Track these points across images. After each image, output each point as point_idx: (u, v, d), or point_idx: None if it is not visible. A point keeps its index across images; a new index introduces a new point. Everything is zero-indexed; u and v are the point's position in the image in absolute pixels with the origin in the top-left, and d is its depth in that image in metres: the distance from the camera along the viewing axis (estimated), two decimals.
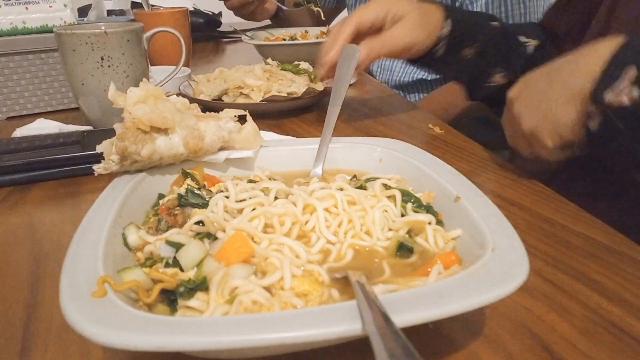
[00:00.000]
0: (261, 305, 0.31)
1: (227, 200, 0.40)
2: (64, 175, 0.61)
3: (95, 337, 0.25)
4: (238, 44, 1.68)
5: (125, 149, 0.42)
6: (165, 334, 0.25)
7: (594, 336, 0.34)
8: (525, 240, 0.34)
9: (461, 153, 0.67)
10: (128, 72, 0.74)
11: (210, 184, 0.46)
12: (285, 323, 0.26)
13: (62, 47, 0.71)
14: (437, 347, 0.34)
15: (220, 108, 0.55)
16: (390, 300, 0.28)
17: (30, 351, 0.34)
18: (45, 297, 0.39)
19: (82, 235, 0.34)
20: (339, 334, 0.26)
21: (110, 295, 0.29)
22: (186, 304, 0.31)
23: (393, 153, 0.51)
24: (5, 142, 0.64)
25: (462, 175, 0.44)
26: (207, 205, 0.40)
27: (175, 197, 0.42)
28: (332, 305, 0.28)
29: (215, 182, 0.47)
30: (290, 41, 1.27)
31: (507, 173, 0.60)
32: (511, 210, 0.51)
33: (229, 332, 0.25)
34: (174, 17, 1.17)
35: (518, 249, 0.32)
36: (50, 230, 0.50)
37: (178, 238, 0.36)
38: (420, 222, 0.40)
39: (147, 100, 0.44)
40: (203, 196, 0.42)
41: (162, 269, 0.34)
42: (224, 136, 0.49)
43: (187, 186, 0.43)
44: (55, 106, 0.89)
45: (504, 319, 0.36)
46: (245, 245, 0.35)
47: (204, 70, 1.00)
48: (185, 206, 0.41)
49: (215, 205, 0.39)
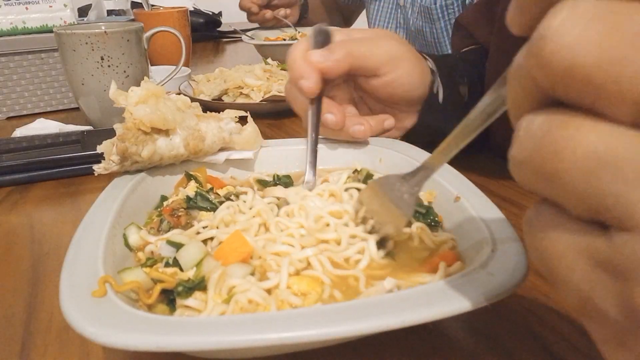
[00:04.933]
0: (257, 304, 0.31)
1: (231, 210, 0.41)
2: (64, 175, 0.61)
3: (95, 337, 0.25)
4: (238, 44, 1.68)
5: (126, 149, 0.42)
6: (165, 334, 0.25)
7: None
8: (525, 240, 0.34)
9: (461, 153, 0.66)
10: (128, 72, 0.74)
11: (217, 187, 0.46)
12: (286, 323, 0.26)
13: (62, 47, 0.71)
14: (437, 347, 0.34)
15: (220, 108, 0.55)
16: (390, 300, 0.28)
17: (30, 351, 0.34)
18: (45, 297, 0.39)
19: (82, 235, 0.34)
20: (339, 334, 0.26)
21: (110, 295, 0.28)
22: (184, 303, 0.31)
23: (393, 153, 0.51)
24: (5, 142, 0.64)
25: (462, 176, 0.44)
26: (215, 209, 0.41)
27: (181, 199, 0.42)
28: (332, 305, 0.28)
29: (220, 185, 0.47)
30: (290, 41, 1.27)
31: (507, 173, 0.60)
32: (511, 210, 0.51)
33: (229, 332, 0.25)
34: (174, 17, 1.17)
35: (518, 249, 0.32)
36: (50, 230, 0.50)
37: (179, 238, 0.36)
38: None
39: (148, 99, 0.43)
40: (212, 200, 0.42)
41: (162, 268, 0.34)
42: (224, 137, 0.49)
43: (196, 189, 0.43)
44: (55, 106, 0.89)
45: (504, 319, 0.36)
46: (244, 245, 0.35)
47: (204, 70, 1.00)
48: (192, 209, 0.42)
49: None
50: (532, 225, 0.19)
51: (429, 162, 0.35)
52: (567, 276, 0.17)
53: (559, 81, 0.15)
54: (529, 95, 0.17)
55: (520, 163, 0.17)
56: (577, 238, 0.17)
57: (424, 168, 0.36)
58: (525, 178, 0.18)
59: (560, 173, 0.16)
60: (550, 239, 0.18)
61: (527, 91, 0.17)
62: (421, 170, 0.36)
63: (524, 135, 0.17)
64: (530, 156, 0.17)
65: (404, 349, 0.33)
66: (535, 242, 0.18)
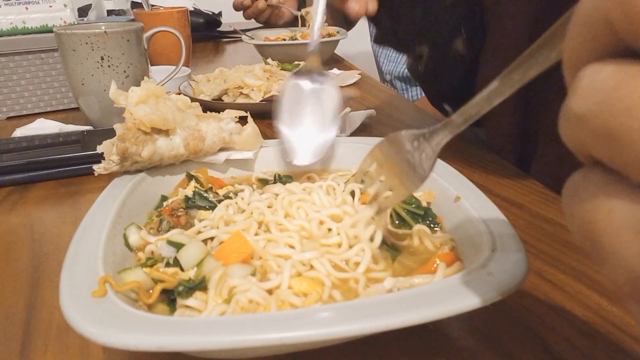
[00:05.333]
0: (258, 304, 0.31)
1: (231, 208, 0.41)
2: (64, 175, 0.61)
3: (95, 337, 0.25)
4: (238, 44, 1.68)
5: (126, 149, 0.42)
6: (166, 334, 0.25)
7: (594, 336, 0.34)
8: (525, 240, 0.34)
9: (461, 153, 0.67)
10: (128, 72, 0.74)
11: (217, 187, 0.46)
12: (286, 323, 0.26)
13: (62, 47, 0.71)
14: (437, 347, 0.34)
15: (220, 108, 0.55)
16: (390, 300, 0.28)
17: (30, 351, 0.34)
18: (45, 297, 0.39)
19: (82, 235, 0.34)
20: (339, 334, 0.26)
21: (110, 296, 0.29)
22: (184, 303, 0.31)
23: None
24: (5, 142, 0.64)
25: (462, 175, 0.44)
26: (214, 207, 0.41)
27: (180, 199, 0.42)
28: (332, 305, 0.28)
29: (221, 185, 0.47)
30: (290, 41, 1.27)
31: (507, 173, 0.60)
32: (511, 210, 0.51)
33: (229, 332, 0.25)
34: (174, 17, 1.17)
35: (518, 249, 0.32)
36: (50, 230, 0.50)
37: (179, 238, 0.36)
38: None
39: (148, 99, 0.44)
40: (210, 199, 0.42)
41: (163, 268, 0.34)
42: (224, 137, 0.49)
43: (194, 188, 0.43)
44: (55, 106, 0.89)
45: (504, 319, 0.36)
46: (245, 245, 0.35)
47: (204, 70, 1.00)
48: (191, 208, 0.42)
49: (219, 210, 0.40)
50: (579, 192, 0.16)
51: (453, 119, 0.30)
52: (620, 252, 0.15)
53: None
54: (597, 42, 0.15)
55: (580, 118, 0.15)
56: (635, 209, 0.15)
57: (447, 125, 0.30)
58: (582, 135, 0.15)
59: (629, 132, 0.14)
60: (603, 209, 0.15)
61: (597, 37, 0.15)
62: (445, 128, 0.31)
63: (589, 86, 0.15)
64: (594, 110, 0.15)
65: (404, 349, 0.33)
66: (581, 211, 0.16)
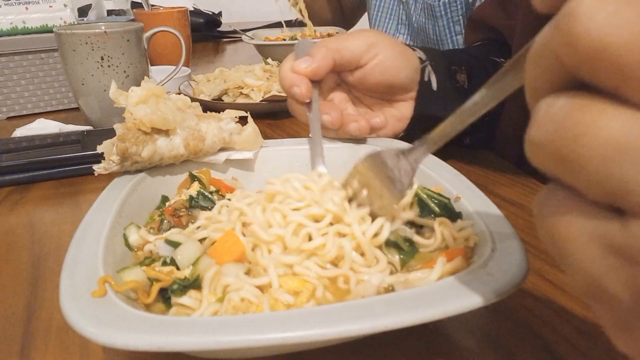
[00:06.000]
0: (250, 303, 0.31)
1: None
2: (64, 175, 0.61)
3: (95, 337, 0.25)
4: (238, 44, 1.68)
5: (126, 149, 0.42)
6: (166, 334, 0.25)
7: (594, 336, 0.34)
8: (525, 240, 0.34)
9: (461, 153, 0.67)
10: (128, 72, 0.74)
11: (223, 190, 0.46)
12: (286, 323, 0.26)
13: (62, 47, 0.72)
14: (437, 347, 0.34)
15: (220, 108, 0.55)
16: (390, 300, 0.28)
17: (30, 351, 0.34)
18: (45, 297, 0.40)
19: (82, 235, 0.34)
20: (339, 334, 0.26)
21: (110, 295, 0.29)
22: (178, 301, 0.31)
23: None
24: (5, 142, 0.64)
25: (462, 175, 0.44)
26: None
27: (183, 199, 0.42)
28: (331, 305, 0.28)
29: (224, 186, 0.47)
30: (290, 41, 1.27)
31: (507, 173, 0.60)
32: (511, 210, 0.51)
33: (229, 332, 0.25)
34: (174, 17, 1.17)
35: (518, 249, 0.32)
36: (50, 230, 0.50)
37: (177, 237, 0.36)
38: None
39: (148, 99, 0.43)
40: (214, 200, 0.42)
41: (159, 267, 0.34)
42: (224, 137, 0.49)
43: (199, 188, 0.43)
44: (55, 106, 0.89)
45: (504, 319, 0.36)
46: (237, 244, 0.35)
47: (204, 70, 1.00)
48: (194, 208, 0.42)
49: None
50: (544, 207, 0.18)
51: (430, 137, 0.33)
52: (578, 259, 0.17)
53: (586, 61, 0.15)
54: (550, 75, 0.17)
55: (538, 145, 0.17)
56: (590, 222, 0.16)
57: (424, 142, 0.33)
58: (542, 160, 0.17)
59: (579, 157, 0.15)
60: (563, 222, 0.17)
61: (549, 71, 0.17)
62: (422, 145, 0.34)
63: (544, 117, 0.17)
64: (548, 139, 0.16)
65: (404, 349, 0.33)
66: (547, 224, 0.18)
